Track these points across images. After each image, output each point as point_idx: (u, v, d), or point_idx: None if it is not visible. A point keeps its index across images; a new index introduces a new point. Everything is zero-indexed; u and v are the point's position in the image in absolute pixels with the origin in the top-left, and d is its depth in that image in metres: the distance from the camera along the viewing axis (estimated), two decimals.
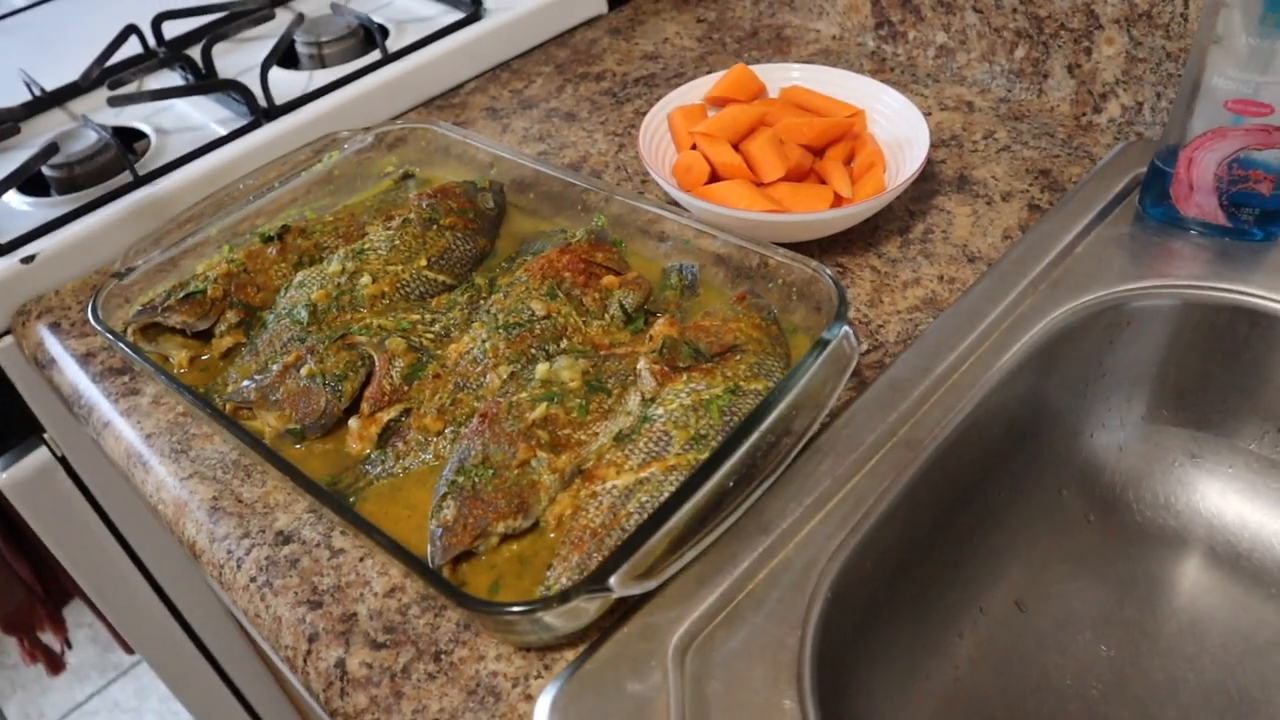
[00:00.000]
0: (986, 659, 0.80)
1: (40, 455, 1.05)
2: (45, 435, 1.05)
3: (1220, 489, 0.86)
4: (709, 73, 1.10)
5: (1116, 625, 0.82)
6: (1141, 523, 0.87)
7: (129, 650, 1.44)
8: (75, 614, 1.55)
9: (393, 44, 1.20)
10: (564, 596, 0.56)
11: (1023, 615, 0.83)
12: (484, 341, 0.76)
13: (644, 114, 1.09)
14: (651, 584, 0.57)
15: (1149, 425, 0.87)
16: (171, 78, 1.21)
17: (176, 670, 1.35)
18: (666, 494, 0.64)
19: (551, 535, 0.66)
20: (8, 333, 0.97)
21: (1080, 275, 0.83)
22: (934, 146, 0.99)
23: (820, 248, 0.89)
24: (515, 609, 0.57)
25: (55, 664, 1.45)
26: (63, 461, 1.07)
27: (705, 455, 0.65)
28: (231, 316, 0.84)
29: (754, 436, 0.63)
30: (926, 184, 0.95)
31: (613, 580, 0.56)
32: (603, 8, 1.31)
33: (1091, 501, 0.87)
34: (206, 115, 1.14)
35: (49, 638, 1.41)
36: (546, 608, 0.56)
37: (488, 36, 1.22)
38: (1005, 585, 0.84)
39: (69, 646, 1.44)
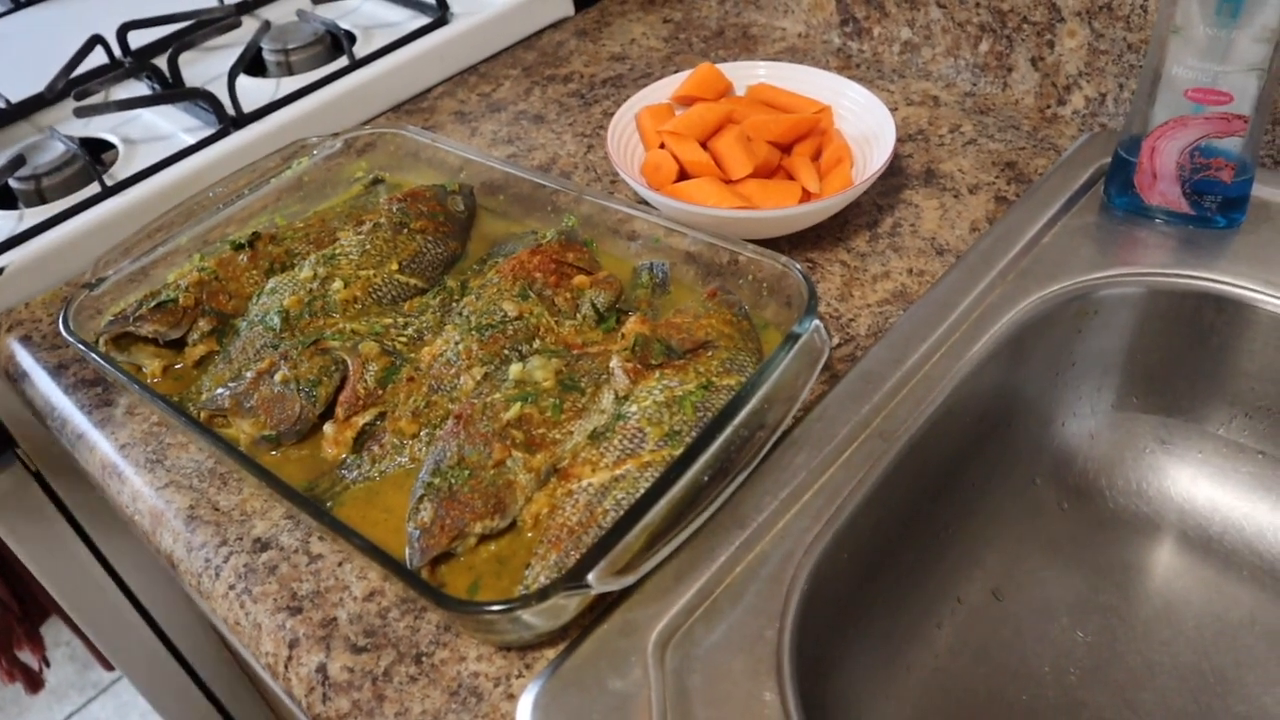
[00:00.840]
0: (965, 648, 0.81)
1: (14, 470, 1.05)
2: (18, 450, 1.05)
3: (1191, 474, 0.87)
4: (676, 72, 1.10)
5: (1092, 611, 0.83)
6: (1114, 509, 0.88)
7: (108, 667, 1.43)
8: (53, 632, 1.53)
9: (360, 50, 1.20)
10: (543, 594, 0.56)
11: (1000, 604, 0.84)
12: (457, 344, 0.76)
13: (612, 115, 1.10)
14: (629, 580, 0.58)
15: (1119, 413, 0.88)
16: (138, 87, 1.21)
17: (157, 685, 1.34)
18: (642, 490, 0.64)
19: (529, 535, 0.66)
20: None
21: (1048, 265, 0.84)
22: (901, 141, 1.00)
23: (790, 243, 0.89)
24: (495, 608, 0.57)
25: (34, 682, 1.44)
26: (37, 476, 1.06)
27: (680, 451, 0.66)
28: (204, 325, 0.84)
29: (727, 431, 0.63)
30: (894, 178, 0.96)
31: (591, 577, 0.56)
32: (569, 10, 1.32)
33: (1064, 490, 0.88)
34: (174, 124, 1.14)
35: (27, 656, 1.39)
36: (526, 606, 0.56)
37: (455, 40, 1.22)
38: (981, 575, 0.85)
39: (47, 665, 1.43)
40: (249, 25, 1.28)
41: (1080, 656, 0.81)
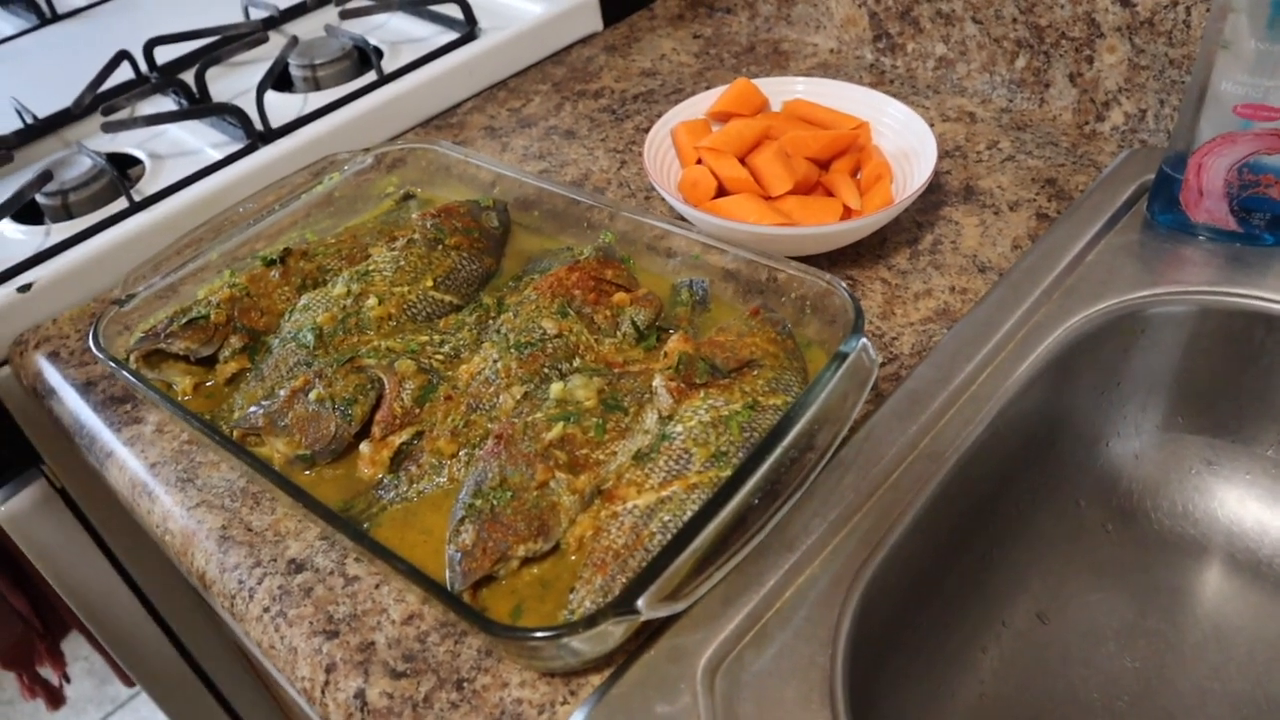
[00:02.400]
0: (1011, 673, 0.79)
1: (39, 486, 1.04)
2: (43, 466, 1.04)
3: (1238, 496, 0.85)
4: (708, 88, 1.09)
5: (1140, 636, 0.81)
6: (1160, 531, 0.86)
7: (128, 683, 1.42)
8: (71, 647, 1.52)
9: (388, 65, 1.19)
10: (591, 621, 0.55)
11: (1045, 627, 0.82)
12: (496, 362, 0.75)
13: (644, 130, 1.09)
14: (680, 606, 0.56)
15: (1165, 433, 0.87)
16: (165, 103, 1.20)
17: (178, 702, 1.33)
18: (689, 512, 0.63)
19: (572, 557, 0.64)
20: (5, 363, 0.96)
21: (1093, 283, 0.82)
22: (938, 158, 0.99)
23: (829, 260, 0.88)
24: (542, 634, 0.55)
25: (55, 698, 1.43)
26: (61, 493, 1.05)
27: (727, 472, 0.64)
28: (235, 342, 0.82)
29: (777, 451, 0.62)
30: (932, 195, 0.95)
31: (640, 602, 0.55)
32: (598, 25, 1.31)
33: (1109, 511, 0.87)
34: (201, 140, 1.13)
35: (47, 672, 1.39)
36: (573, 632, 0.55)
37: (484, 56, 1.21)
38: (1026, 598, 0.83)
39: (68, 681, 1.42)
40: (275, 40, 1.28)
41: (1129, 682, 0.79)
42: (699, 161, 0.92)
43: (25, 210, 1.04)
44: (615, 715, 0.58)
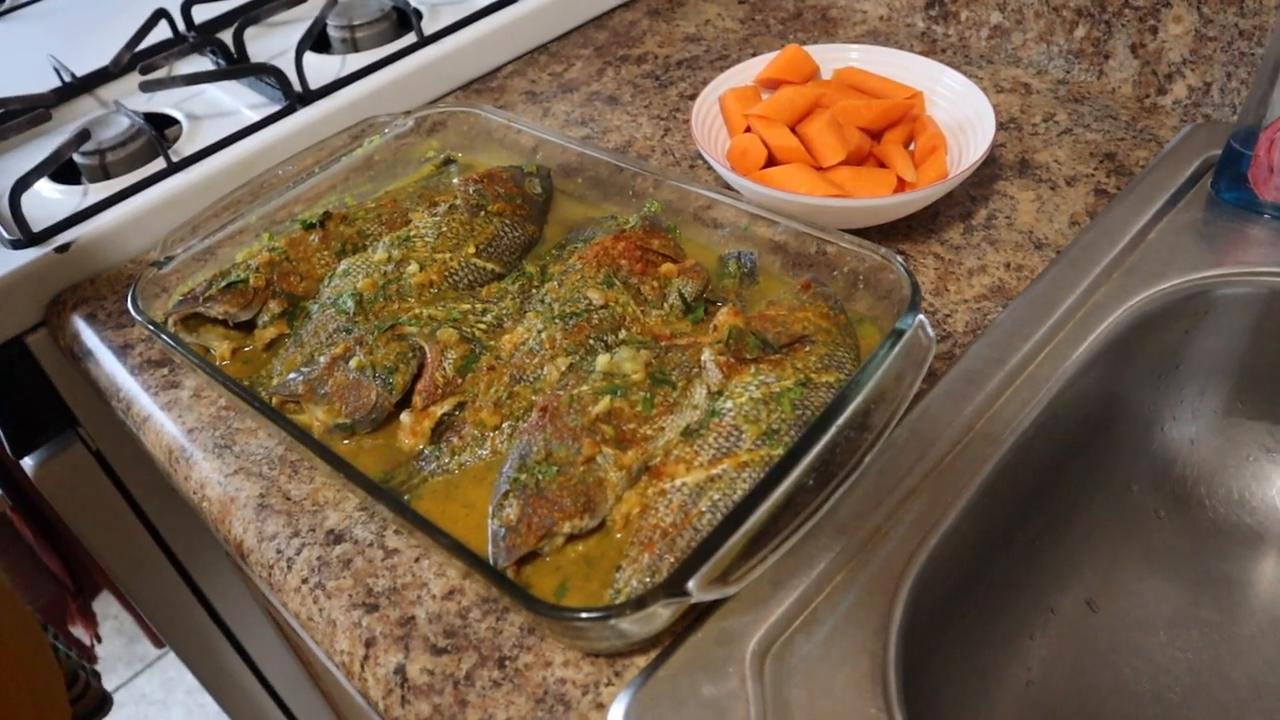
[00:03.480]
0: (1059, 661, 0.77)
1: (74, 448, 1.03)
2: (79, 428, 1.03)
3: None
4: (754, 55, 1.07)
5: (1192, 626, 0.79)
6: (1215, 519, 0.84)
7: (158, 643, 1.42)
8: (101, 606, 1.53)
9: (428, 26, 1.17)
10: (640, 602, 0.53)
11: (1094, 615, 0.80)
12: (540, 332, 0.73)
13: (689, 97, 1.07)
14: (732, 590, 0.55)
15: (1223, 418, 0.84)
16: (202, 62, 1.18)
17: (207, 663, 1.33)
18: (740, 492, 0.61)
19: (618, 535, 0.63)
20: (42, 324, 0.95)
21: (1155, 262, 0.80)
22: None
23: (879, 234, 0.86)
24: (590, 615, 0.54)
25: (87, 656, 1.43)
26: (97, 455, 1.05)
27: (779, 451, 0.62)
28: (274, 306, 0.81)
29: (832, 431, 0.60)
30: (986, 168, 0.92)
31: (691, 585, 0.53)
32: None
33: (1162, 497, 0.84)
34: (238, 100, 1.11)
35: (79, 631, 1.39)
36: (621, 614, 0.53)
37: (525, 18, 1.19)
38: (1075, 584, 0.81)
39: (99, 640, 1.42)
40: (314, 1, 1.26)
41: (1181, 673, 0.77)
42: (748, 130, 0.90)
43: (62, 170, 1.03)
44: (661, 698, 0.57)
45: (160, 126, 1.10)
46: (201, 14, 1.23)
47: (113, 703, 1.04)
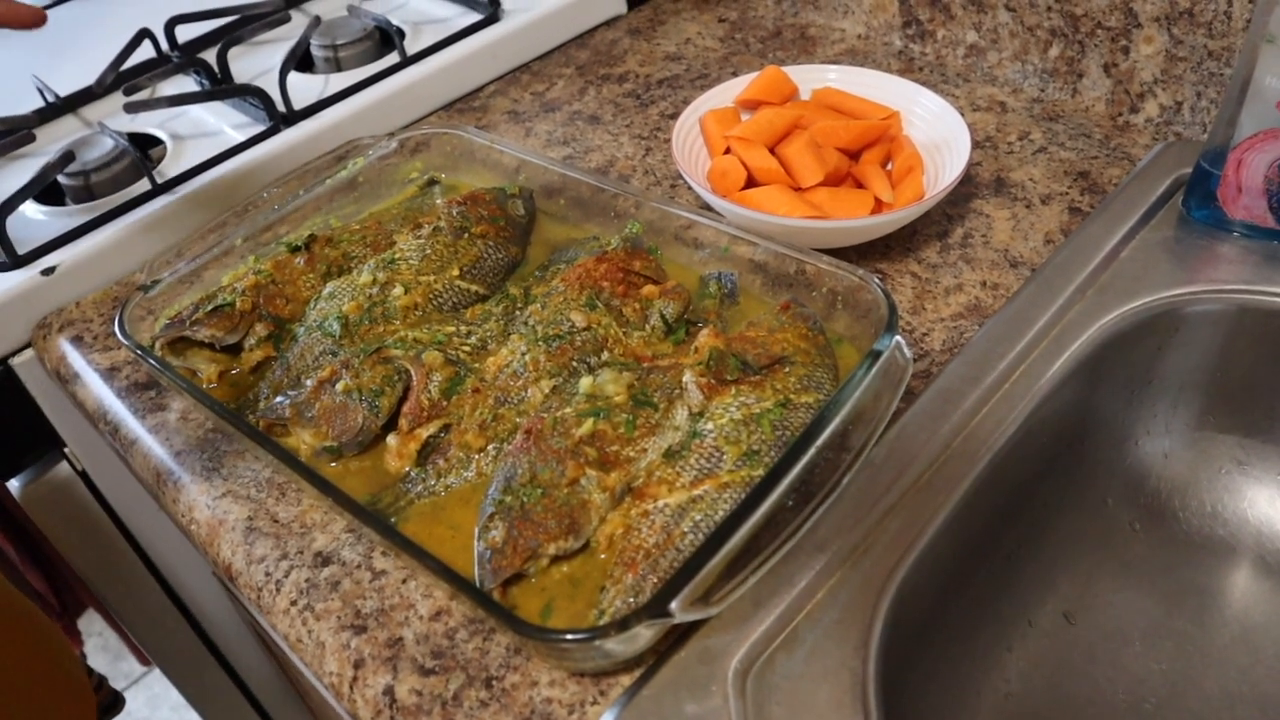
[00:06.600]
0: (1037, 673, 0.79)
1: (60, 469, 1.03)
2: (65, 449, 1.04)
3: (1269, 496, 0.84)
4: (734, 74, 1.08)
5: (1167, 637, 0.81)
6: (1189, 531, 0.85)
7: (143, 660, 1.43)
8: (85, 623, 1.53)
9: (410, 46, 1.18)
10: (623, 624, 0.54)
11: (1071, 627, 0.81)
12: (524, 354, 0.74)
13: (669, 116, 1.08)
14: (714, 611, 0.56)
15: (1195, 432, 0.86)
16: (186, 82, 1.19)
17: (193, 681, 1.33)
18: (721, 513, 0.62)
19: (602, 556, 0.64)
20: (28, 346, 0.95)
21: (1128, 280, 0.81)
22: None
23: (857, 253, 0.87)
24: (574, 636, 0.55)
25: None
26: (83, 476, 1.05)
27: (759, 471, 0.64)
28: (260, 329, 0.82)
29: (811, 451, 0.61)
30: (963, 187, 0.93)
31: (674, 606, 0.54)
32: (622, 8, 1.29)
33: (1137, 510, 0.86)
34: (222, 120, 1.12)
35: None
36: (605, 635, 0.54)
37: (507, 38, 1.20)
38: (1052, 597, 0.82)
39: (84, 657, 1.42)
40: (297, 20, 1.26)
41: (1156, 684, 0.78)
42: (728, 151, 0.91)
43: (47, 191, 1.04)
44: (646, 716, 0.58)
45: (144, 147, 1.10)
46: (185, 34, 1.23)
47: (124, 702, 1.04)
